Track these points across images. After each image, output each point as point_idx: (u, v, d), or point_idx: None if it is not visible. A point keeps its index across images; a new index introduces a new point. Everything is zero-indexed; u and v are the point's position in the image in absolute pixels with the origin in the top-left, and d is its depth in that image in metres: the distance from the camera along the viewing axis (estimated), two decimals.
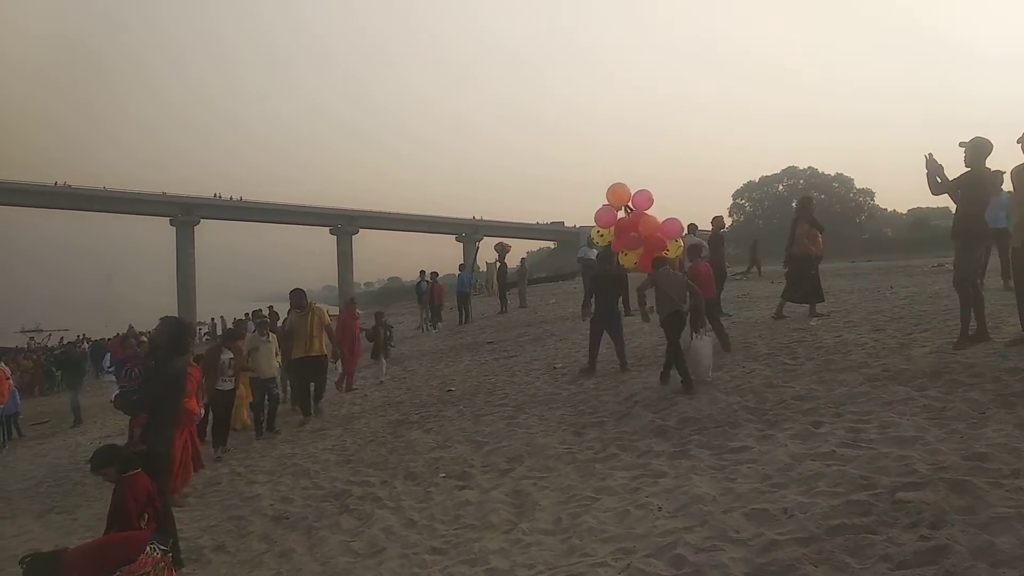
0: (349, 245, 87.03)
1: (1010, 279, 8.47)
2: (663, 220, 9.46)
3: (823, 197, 76.40)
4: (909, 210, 78.90)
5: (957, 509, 3.33)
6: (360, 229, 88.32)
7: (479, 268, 32.96)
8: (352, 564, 4.53)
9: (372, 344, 12.97)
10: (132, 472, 4.42)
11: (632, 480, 4.88)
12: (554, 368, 9.97)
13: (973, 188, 6.61)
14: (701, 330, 7.64)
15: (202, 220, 77.85)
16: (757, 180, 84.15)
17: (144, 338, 13.52)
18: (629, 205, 9.58)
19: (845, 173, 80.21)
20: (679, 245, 9.64)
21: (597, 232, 9.84)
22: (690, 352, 7.35)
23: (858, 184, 79.84)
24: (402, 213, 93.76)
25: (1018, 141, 6.26)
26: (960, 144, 6.57)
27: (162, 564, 4.02)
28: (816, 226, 10.54)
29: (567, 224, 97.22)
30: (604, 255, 9.72)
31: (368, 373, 12.92)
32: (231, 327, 14.02)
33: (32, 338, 39.77)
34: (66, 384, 16.18)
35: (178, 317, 5.73)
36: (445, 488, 5.64)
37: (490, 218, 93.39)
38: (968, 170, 6.61)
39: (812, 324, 9.59)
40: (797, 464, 4.42)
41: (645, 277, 8.33)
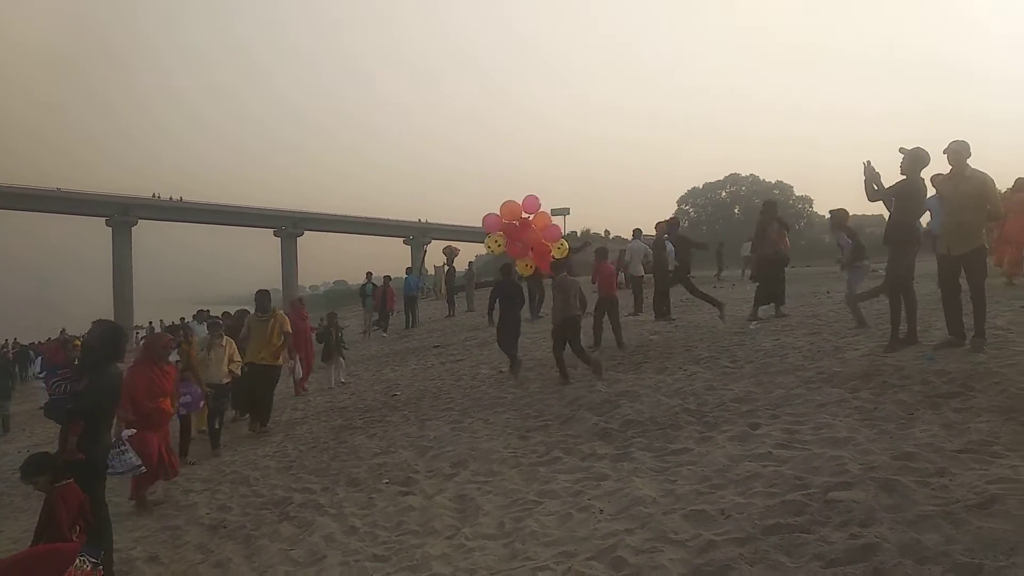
0: (294, 247, 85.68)
1: None
2: (544, 227, 10.59)
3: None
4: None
5: (886, 507, 3.44)
6: (305, 231, 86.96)
7: (427, 271, 32.76)
8: (291, 572, 4.44)
9: (323, 346, 12.64)
10: (64, 482, 4.25)
11: (575, 483, 4.90)
12: (500, 372, 9.96)
13: (908, 197, 6.85)
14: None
15: (140, 221, 75.55)
16: (701, 187, 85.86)
17: (78, 343, 13.00)
18: (524, 214, 10.48)
19: (785, 181, 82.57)
20: (563, 248, 10.65)
21: (492, 239, 10.56)
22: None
23: (797, 192, 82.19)
24: (348, 215, 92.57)
25: (944, 151, 6.53)
26: (900, 150, 6.79)
27: None
28: (784, 226, 10.93)
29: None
30: (505, 267, 10.29)
31: (314, 377, 12.68)
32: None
33: None
34: None
35: (113, 321, 5.52)
36: (388, 494, 5.58)
37: (438, 221, 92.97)
38: (904, 178, 6.84)
39: (752, 328, 9.81)
40: (735, 465, 4.51)
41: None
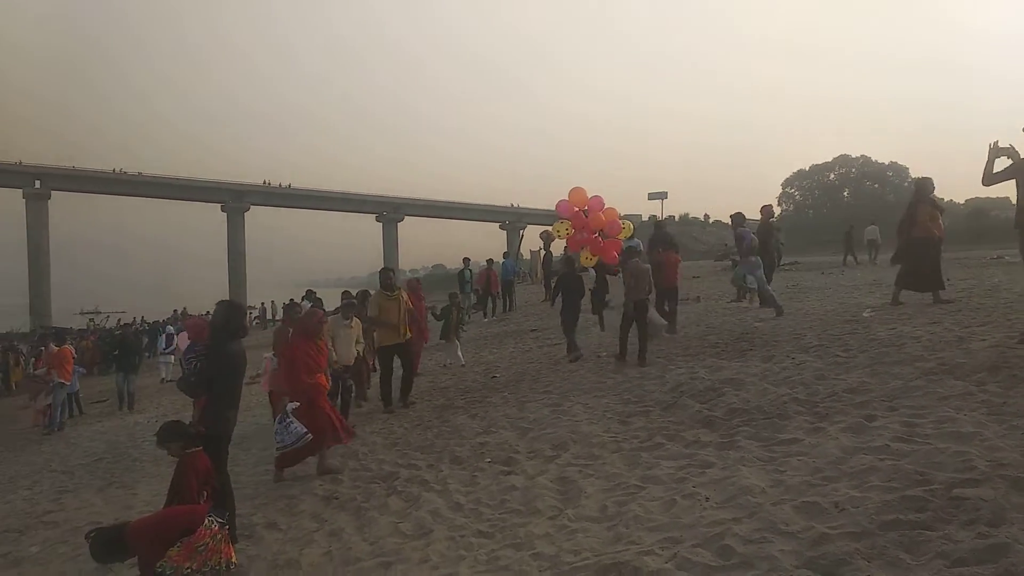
0: (395, 232, 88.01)
1: None
2: (611, 221, 11.15)
3: (877, 186, 74.30)
4: (967, 200, 76.19)
5: (1017, 507, 3.24)
6: (405, 216, 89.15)
7: (523, 256, 32.94)
8: (400, 545, 4.61)
9: (443, 324, 12.50)
10: (194, 450, 4.56)
11: (679, 470, 4.86)
12: (599, 356, 9.96)
13: None
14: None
15: (252, 207, 79.50)
16: (808, 168, 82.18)
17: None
18: (585, 208, 11.07)
19: (900, 162, 77.87)
20: (629, 229, 11.46)
21: (559, 225, 11.28)
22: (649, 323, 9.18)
23: (913, 173, 77.41)
24: (445, 201, 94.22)
25: None
26: None
27: (219, 536, 4.17)
28: (938, 208, 10.33)
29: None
30: (568, 258, 11.02)
31: (428, 356, 12.88)
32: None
33: (92, 320, 41.19)
34: (119, 367, 15.90)
35: (233, 301, 5.86)
36: (491, 473, 5.70)
37: (532, 206, 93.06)
38: None
39: (866, 316, 9.39)
40: (849, 458, 4.34)
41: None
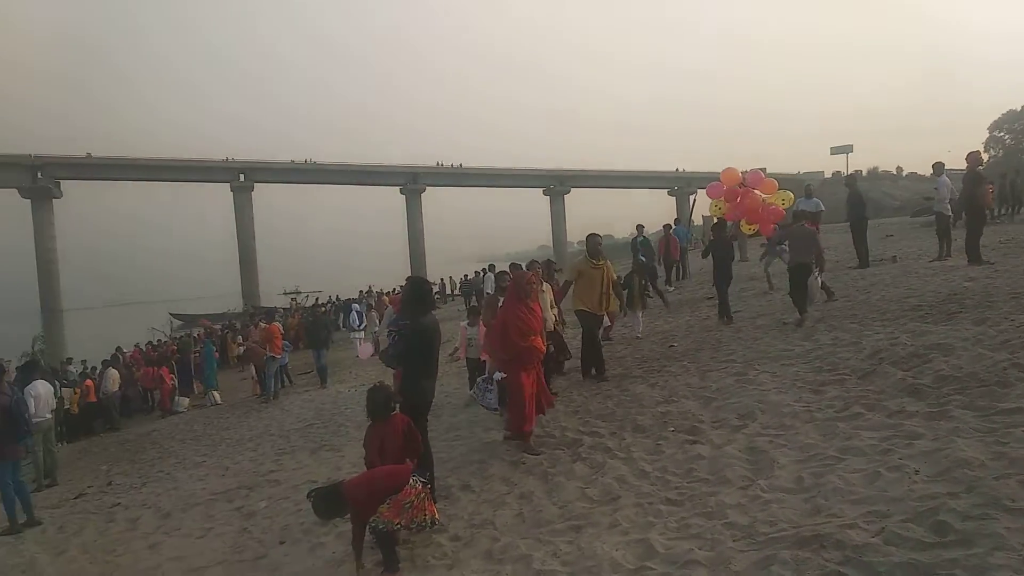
0: (562, 204, 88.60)
1: None
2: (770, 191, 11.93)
3: None
4: None
5: None
6: (572, 188, 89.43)
7: (695, 223, 31.91)
8: (589, 509, 4.72)
9: (627, 293, 11.64)
10: (396, 414, 4.93)
11: (882, 441, 4.56)
12: (784, 323, 9.52)
13: None
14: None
15: (427, 188, 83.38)
16: (1020, 109, 72.36)
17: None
18: (743, 183, 11.79)
19: None
20: (788, 199, 12.17)
21: (713, 204, 12.21)
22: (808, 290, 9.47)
23: None
24: (611, 170, 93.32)
25: None
26: None
27: (423, 495, 4.51)
28: None
29: (780, 172, 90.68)
30: (717, 225, 11.67)
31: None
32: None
33: (294, 299, 45.23)
34: (310, 344, 17.02)
35: (422, 277, 6.20)
36: (675, 442, 5.66)
37: (699, 169, 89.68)
38: None
39: None
40: None
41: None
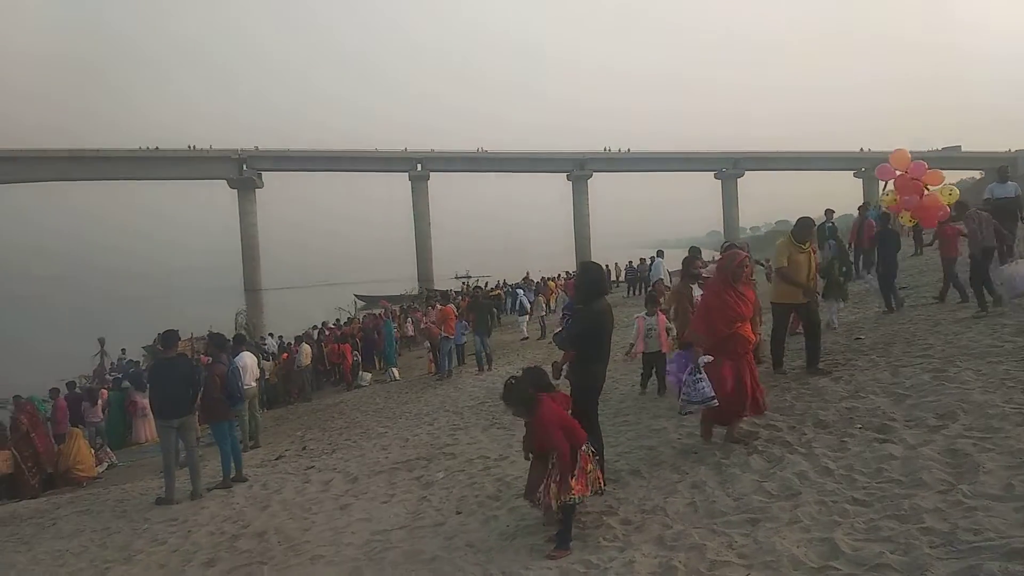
0: (734, 188, 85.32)
1: None
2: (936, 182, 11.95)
3: None
4: None
5: None
6: (745, 172, 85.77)
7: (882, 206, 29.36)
8: (766, 503, 4.56)
9: (825, 282, 10.65)
10: (554, 393, 5.02)
11: None
12: (978, 316, 8.62)
13: None
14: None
15: (594, 173, 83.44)
16: None
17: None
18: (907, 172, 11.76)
19: None
20: (955, 193, 11.88)
21: (885, 193, 12.42)
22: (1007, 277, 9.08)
23: None
24: (787, 151, 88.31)
25: None
26: None
27: (595, 464, 4.73)
28: None
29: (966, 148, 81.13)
30: (883, 216, 11.90)
31: None
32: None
33: (465, 283, 47.05)
34: (474, 329, 16.34)
35: (596, 263, 6.22)
36: (862, 439, 5.31)
37: (887, 149, 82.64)
38: None
39: None
40: None
41: None
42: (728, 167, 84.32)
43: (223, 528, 6.83)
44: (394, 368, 18.75)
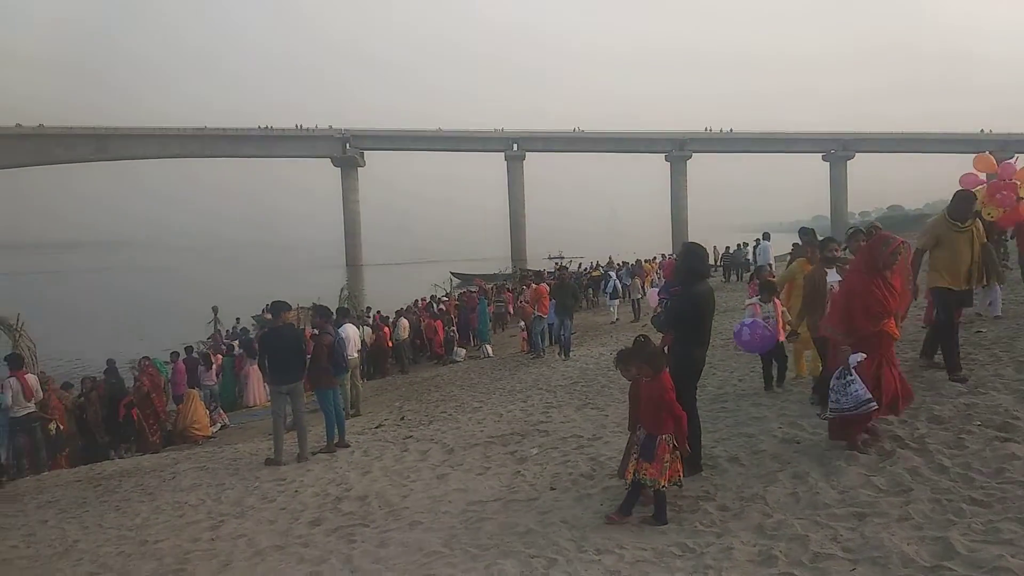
0: (843, 172, 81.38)
1: None
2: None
3: None
4: None
5: None
6: (856, 153, 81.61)
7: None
8: (875, 498, 4.40)
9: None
10: (664, 372, 5.00)
11: None
12: None
13: None
14: None
15: (694, 154, 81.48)
16: None
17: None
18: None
19: None
20: None
21: (986, 208, 9.48)
22: None
23: None
24: (899, 132, 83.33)
25: None
26: None
27: (675, 454, 4.74)
28: None
29: None
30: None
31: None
32: None
33: (557, 264, 47.05)
34: (556, 312, 15.58)
35: (698, 244, 6.08)
36: (982, 437, 5.02)
37: (1012, 130, 76.37)
38: None
39: None
40: None
41: None
42: (837, 148, 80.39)
43: (327, 490, 7.17)
44: (488, 345, 19.04)
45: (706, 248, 5.92)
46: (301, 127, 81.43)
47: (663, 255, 32.22)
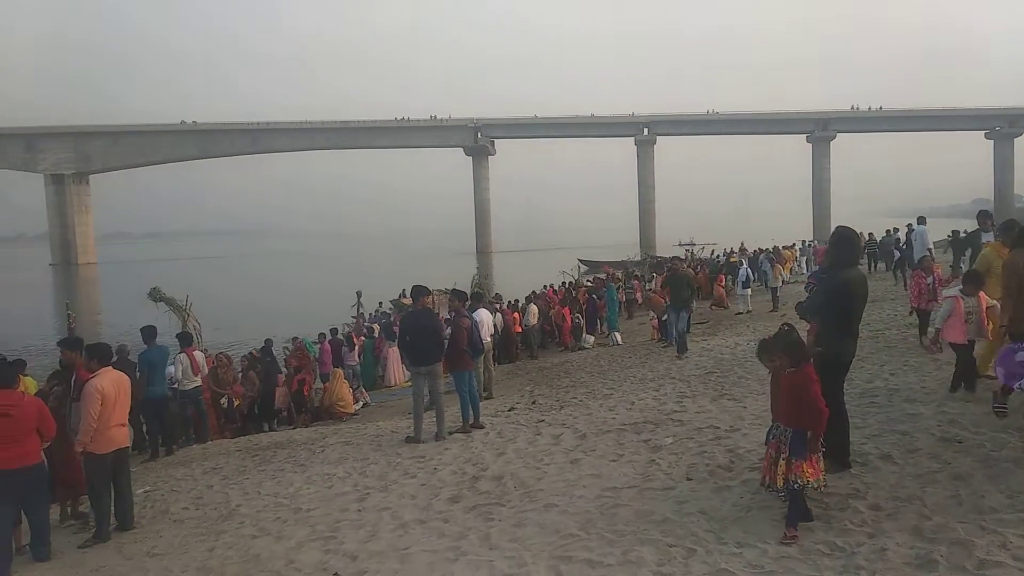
0: (1010, 150, 74.06)
1: None
2: None
3: None
4: None
5: None
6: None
7: None
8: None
9: None
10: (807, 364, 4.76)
11: None
12: None
13: None
14: None
15: (838, 134, 76.92)
16: None
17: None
18: None
19: None
20: None
21: None
22: None
23: None
24: None
25: None
26: None
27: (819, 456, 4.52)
28: None
29: None
30: None
31: None
32: None
33: (688, 251, 45.98)
34: (671, 302, 14.50)
35: (850, 228, 5.74)
36: None
37: None
38: None
39: None
40: None
41: None
42: (1003, 125, 73.17)
43: (464, 469, 7.42)
44: (617, 332, 18.92)
45: (858, 233, 5.60)
46: (435, 117, 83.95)
47: (803, 241, 30.69)
